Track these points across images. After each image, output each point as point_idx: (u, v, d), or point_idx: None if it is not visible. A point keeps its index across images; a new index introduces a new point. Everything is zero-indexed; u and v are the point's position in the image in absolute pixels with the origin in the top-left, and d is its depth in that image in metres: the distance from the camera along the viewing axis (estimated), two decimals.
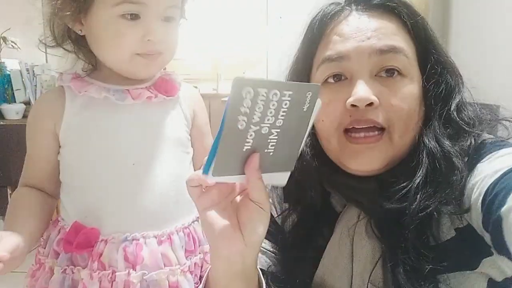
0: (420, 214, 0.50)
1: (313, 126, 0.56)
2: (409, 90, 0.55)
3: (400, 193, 0.52)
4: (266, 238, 0.59)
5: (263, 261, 0.63)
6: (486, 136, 0.57)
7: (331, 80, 0.57)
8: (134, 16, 0.65)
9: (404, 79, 0.55)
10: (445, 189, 0.50)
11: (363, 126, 0.54)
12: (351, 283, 0.56)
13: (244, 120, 0.39)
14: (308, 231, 0.62)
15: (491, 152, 0.52)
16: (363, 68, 0.54)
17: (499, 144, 0.54)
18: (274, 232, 0.64)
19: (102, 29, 0.67)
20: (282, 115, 0.41)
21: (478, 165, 0.52)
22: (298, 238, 0.62)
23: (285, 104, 0.40)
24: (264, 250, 0.64)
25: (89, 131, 0.70)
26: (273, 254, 0.65)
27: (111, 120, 0.70)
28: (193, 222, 0.74)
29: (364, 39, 0.54)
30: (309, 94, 0.41)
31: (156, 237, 0.68)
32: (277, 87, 0.39)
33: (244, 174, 0.43)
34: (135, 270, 0.66)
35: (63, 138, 0.70)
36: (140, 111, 0.71)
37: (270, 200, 0.57)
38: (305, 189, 0.61)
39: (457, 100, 0.57)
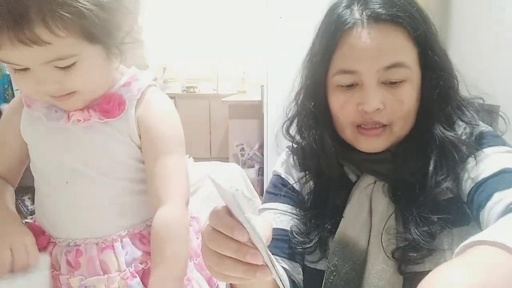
0: (435, 189, 0.65)
1: (331, 118, 0.72)
2: (409, 94, 0.67)
3: (415, 168, 0.67)
4: (287, 203, 0.75)
5: (285, 221, 0.74)
6: (483, 126, 0.70)
7: (345, 86, 0.69)
8: (21, 68, 0.62)
9: (405, 84, 0.67)
10: (453, 171, 0.66)
11: (371, 126, 0.68)
12: (370, 234, 0.68)
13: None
14: (326, 193, 0.74)
15: (491, 145, 0.66)
16: (372, 79, 0.66)
17: (497, 136, 0.68)
18: (294, 197, 0.76)
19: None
20: None
21: (479, 152, 0.65)
22: (317, 199, 0.74)
23: None
24: (286, 212, 0.75)
25: (34, 145, 0.74)
26: (294, 215, 0.75)
27: (48, 140, 0.72)
28: (139, 231, 0.75)
29: (373, 57, 0.65)
30: None
31: (97, 244, 0.70)
32: None
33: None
34: (75, 275, 0.69)
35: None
36: (77, 132, 0.71)
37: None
38: (322, 160, 0.73)
39: (455, 99, 0.70)
